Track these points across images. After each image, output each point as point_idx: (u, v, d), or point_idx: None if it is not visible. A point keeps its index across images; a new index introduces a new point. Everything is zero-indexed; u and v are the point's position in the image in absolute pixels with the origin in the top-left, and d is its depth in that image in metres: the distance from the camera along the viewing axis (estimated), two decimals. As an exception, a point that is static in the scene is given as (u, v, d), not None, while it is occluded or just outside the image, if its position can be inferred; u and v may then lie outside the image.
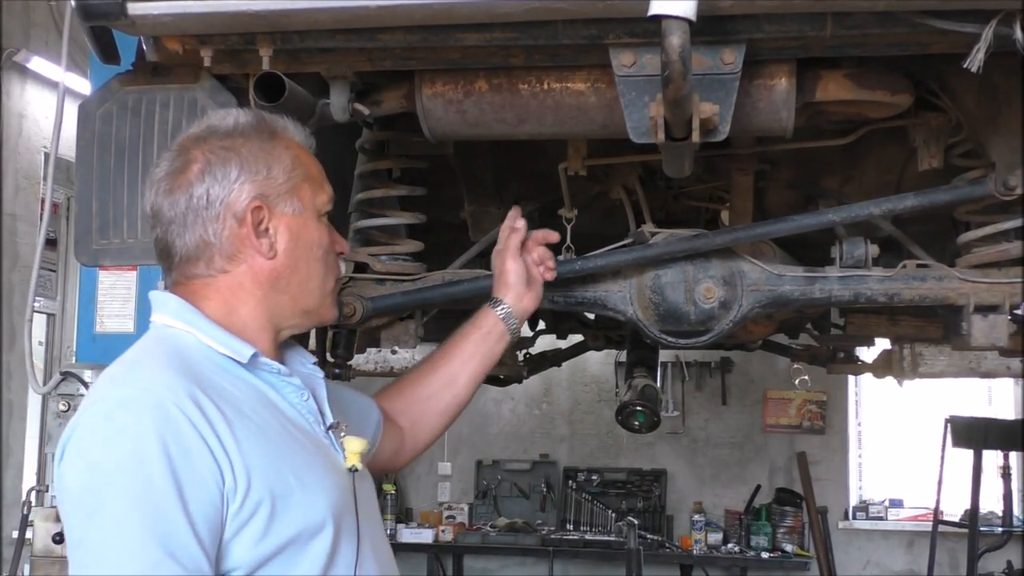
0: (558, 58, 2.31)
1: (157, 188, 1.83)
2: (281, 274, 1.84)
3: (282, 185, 1.83)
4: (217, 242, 1.80)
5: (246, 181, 1.81)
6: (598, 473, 9.46)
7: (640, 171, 3.10)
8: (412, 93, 2.53)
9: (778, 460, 9.32)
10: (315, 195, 1.89)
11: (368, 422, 2.19)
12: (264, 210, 1.81)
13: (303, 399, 1.85)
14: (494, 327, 2.37)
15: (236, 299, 1.83)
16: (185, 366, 1.70)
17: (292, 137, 1.90)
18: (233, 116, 1.87)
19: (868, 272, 2.68)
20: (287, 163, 1.85)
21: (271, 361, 1.82)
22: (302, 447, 1.77)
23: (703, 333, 2.73)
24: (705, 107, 2.12)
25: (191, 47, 2.27)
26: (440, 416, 2.36)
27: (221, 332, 1.78)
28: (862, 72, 2.46)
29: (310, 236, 1.87)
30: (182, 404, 1.62)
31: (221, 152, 1.81)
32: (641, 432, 3.56)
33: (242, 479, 1.63)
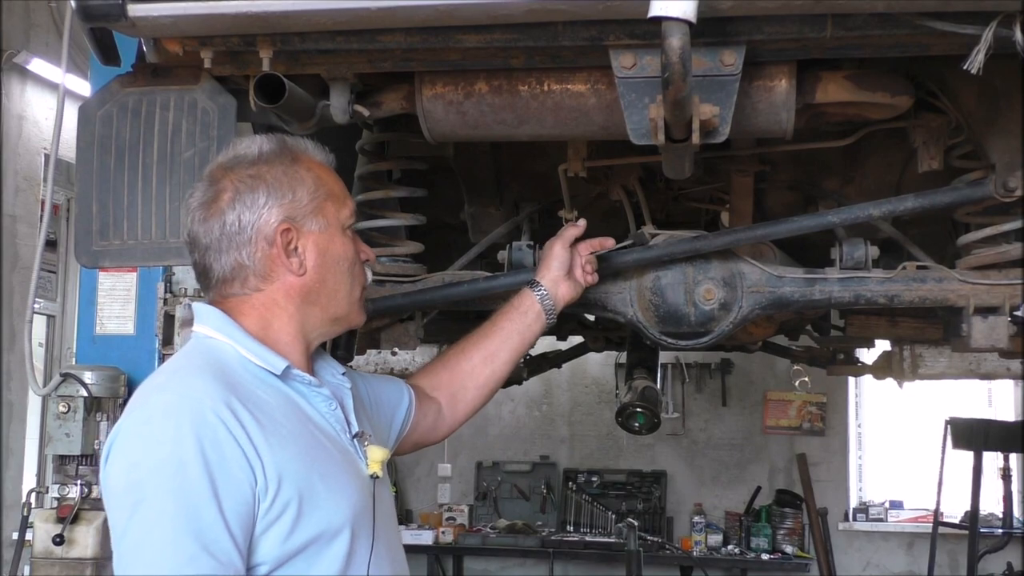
0: (558, 59, 2.31)
1: (193, 217, 1.95)
2: (311, 288, 1.97)
3: (307, 206, 1.95)
4: (251, 264, 1.93)
5: (274, 206, 1.93)
6: (598, 475, 9.46)
7: (640, 172, 3.10)
8: (412, 94, 2.53)
9: (778, 461, 9.32)
10: (339, 211, 2.00)
11: (399, 406, 2.33)
12: (292, 231, 1.94)
13: (331, 408, 1.97)
14: (531, 307, 2.49)
15: (271, 314, 1.96)
16: (223, 375, 1.84)
17: (313, 157, 2.01)
18: (257, 144, 1.98)
19: (868, 274, 2.68)
20: (310, 184, 1.96)
21: (303, 373, 1.95)
22: (328, 453, 1.90)
23: (703, 335, 2.73)
24: (705, 109, 2.12)
25: (191, 49, 2.27)
26: (478, 390, 2.47)
27: (258, 345, 1.92)
28: (862, 74, 2.46)
29: (336, 250, 1.99)
30: (218, 410, 1.75)
31: (248, 180, 1.93)
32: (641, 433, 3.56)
33: (272, 480, 1.75)
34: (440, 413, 2.44)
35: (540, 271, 2.53)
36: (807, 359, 4.51)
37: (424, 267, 2.92)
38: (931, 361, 3.72)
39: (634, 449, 9.47)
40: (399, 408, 2.34)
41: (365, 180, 2.99)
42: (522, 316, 2.49)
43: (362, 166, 3.01)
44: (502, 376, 2.49)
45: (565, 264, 2.52)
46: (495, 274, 2.78)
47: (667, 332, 2.73)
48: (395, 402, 2.33)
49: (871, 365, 4.05)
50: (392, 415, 2.32)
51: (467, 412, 2.49)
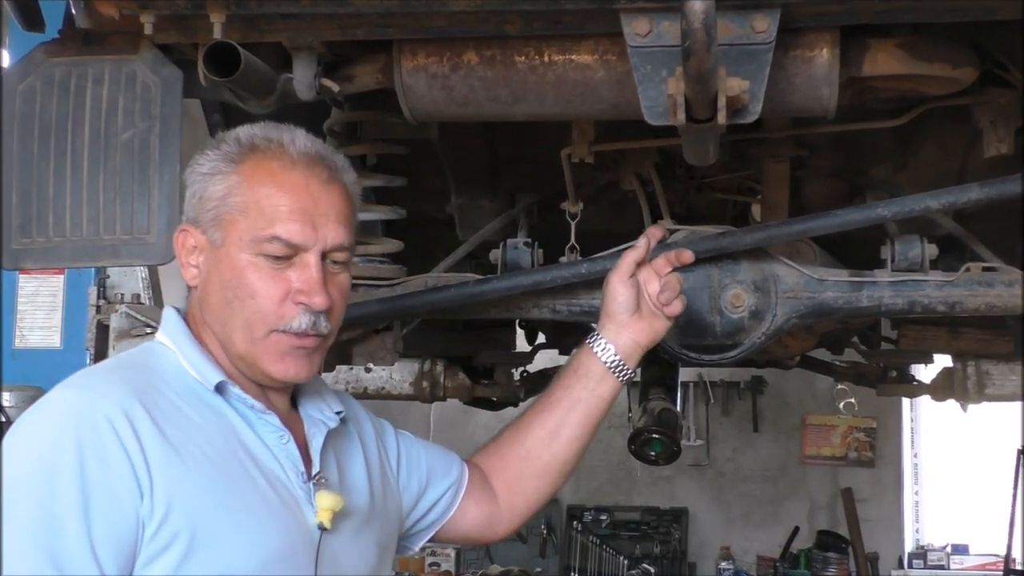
0: (560, 26, 2.32)
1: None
2: (209, 307, 1.98)
3: (209, 212, 1.94)
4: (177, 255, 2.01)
5: (190, 199, 1.98)
6: (608, 512, 9.47)
7: (656, 158, 3.11)
8: (390, 67, 2.53)
9: (819, 497, 9.33)
10: (253, 230, 1.91)
11: (443, 478, 2.32)
12: (192, 236, 1.97)
13: (281, 441, 1.95)
14: (592, 367, 2.39)
15: (199, 318, 2.00)
16: (142, 382, 1.85)
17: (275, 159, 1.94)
18: (251, 126, 2.00)
19: (925, 276, 2.69)
20: (231, 187, 1.93)
21: (243, 394, 1.93)
22: (255, 487, 1.87)
23: (731, 348, 2.73)
24: (733, 83, 2.12)
25: (129, 12, 2.28)
26: (539, 480, 2.40)
27: (197, 354, 1.94)
28: (917, 42, 2.47)
29: (221, 274, 1.94)
30: (113, 416, 1.75)
31: (195, 162, 1.98)
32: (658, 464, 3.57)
33: (160, 505, 1.74)
34: (496, 506, 2.38)
35: (601, 319, 2.41)
36: (853, 377, 4.51)
37: (404, 269, 2.93)
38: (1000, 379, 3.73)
39: (650, 482, 9.48)
40: (442, 478, 2.32)
41: (334, 167, 2.99)
42: (584, 381, 2.39)
43: (331, 150, 3.01)
44: (569, 458, 2.41)
45: (630, 302, 2.37)
46: (487, 277, 2.79)
47: (688, 345, 2.74)
48: (439, 470, 2.32)
49: (929, 384, 4.05)
50: (429, 481, 2.29)
51: (528, 506, 2.41)
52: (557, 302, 2.73)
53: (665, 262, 2.42)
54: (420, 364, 4.15)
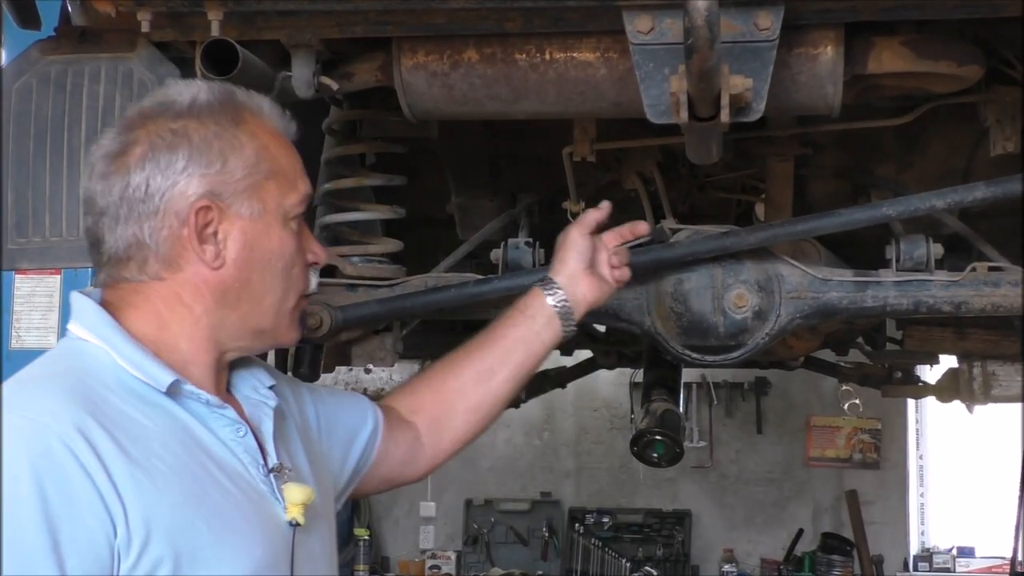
0: (562, 23, 2.32)
1: (92, 170, 1.82)
2: (229, 288, 1.83)
3: (240, 182, 1.81)
4: (153, 244, 1.79)
5: (194, 174, 1.78)
6: (610, 515, 9.46)
7: (659, 157, 3.11)
8: (389, 65, 2.53)
9: (824, 500, 9.33)
10: (283, 195, 1.86)
11: (360, 430, 2.20)
12: (213, 211, 1.79)
13: (238, 435, 1.82)
14: (540, 310, 2.33)
15: (170, 312, 1.81)
16: (85, 390, 1.68)
17: (266, 121, 1.88)
18: (194, 91, 1.84)
19: (930, 276, 2.69)
20: (249, 155, 1.82)
21: (198, 390, 1.79)
22: (226, 495, 1.75)
23: (734, 349, 2.73)
24: (736, 81, 2.12)
25: (126, 9, 2.28)
26: (469, 414, 2.33)
27: (139, 352, 1.76)
28: (923, 39, 2.46)
29: (270, 245, 1.84)
30: (68, 437, 1.59)
31: (169, 135, 1.78)
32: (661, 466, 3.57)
33: (138, 531, 1.61)
34: (419, 442, 2.29)
35: (554, 265, 2.37)
36: (858, 378, 4.52)
37: (403, 269, 2.93)
38: (1006, 380, 3.72)
39: (652, 484, 9.47)
40: (360, 433, 2.20)
41: (333, 165, 3.00)
42: (529, 321, 2.33)
43: (330, 149, 3.02)
44: (501, 399, 2.34)
45: (586, 255, 2.36)
46: (488, 277, 2.78)
47: (691, 346, 2.74)
48: (355, 425, 2.20)
49: (934, 385, 4.05)
50: (350, 442, 2.18)
51: (454, 443, 2.33)
52: (558, 302, 2.72)
53: (617, 235, 2.44)
54: (420, 365, 4.15)
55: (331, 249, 2.89)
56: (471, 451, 10.09)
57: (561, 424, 9.77)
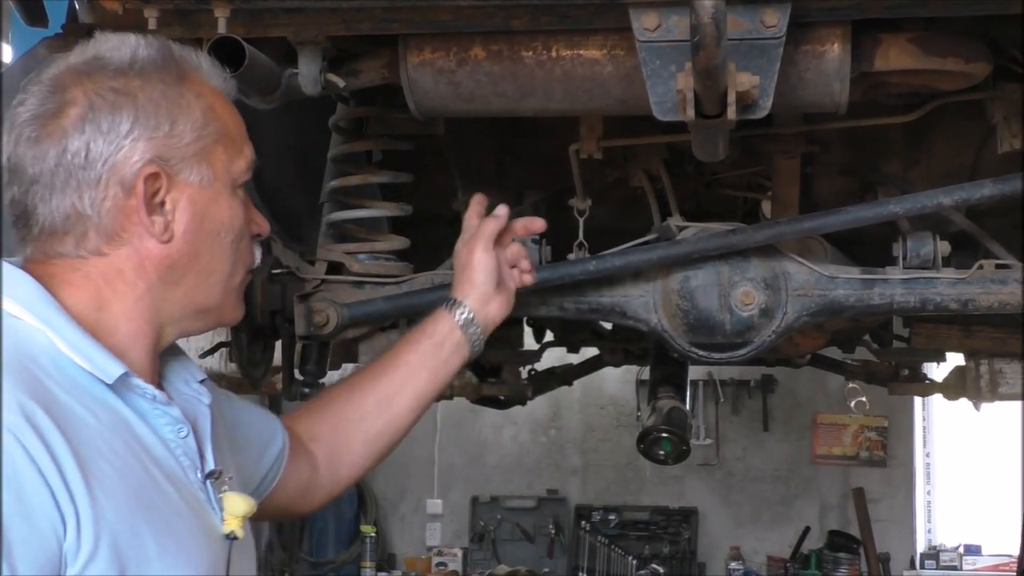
0: (568, 20, 2.32)
1: (19, 134, 1.63)
2: (176, 263, 1.67)
3: (189, 146, 1.66)
4: (94, 215, 1.62)
5: (140, 137, 1.62)
6: (616, 512, 9.47)
7: (665, 154, 3.10)
8: (395, 62, 2.53)
9: (830, 497, 9.32)
10: (231, 161, 1.72)
11: (270, 445, 2.06)
12: (162, 178, 1.63)
13: (179, 435, 1.67)
14: (449, 335, 2.24)
15: (110, 290, 1.65)
16: (30, 378, 1.51)
17: (206, 80, 1.73)
18: (131, 46, 1.67)
19: (937, 274, 2.68)
20: (197, 116, 1.67)
21: (145, 384, 1.63)
22: (168, 500, 1.60)
23: (740, 346, 2.73)
24: (743, 78, 2.12)
25: (132, 6, 2.28)
26: (368, 446, 2.21)
27: (84, 338, 1.58)
28: (930, 36, 2.46)
29: (219, 215, 1.70)
30: (20, 431, 1.44)
31: (111, 95, 1.62)
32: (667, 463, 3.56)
33: (88, 536, 1.46)
34: (316, 473, 2.15)
35: (462, 286, 2.27)
36: (864, 375, 4.51)
37: (410, 266, 2.93)
38: (1013, 378, 3.72)
39: (659, 482, 9.48)
40: (269, 450, 2.06)
41: (340, 163, 3.00)
42: (436, 348, 2.23)
43: (336, 146, 3.01)
44: (403, 427, 2.23)
45: (494, 273, 2.28)
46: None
47: (698, 343, 2.74)
48: (265, 441, 2.05)
49: (941, 383, 4.05)
50: (259, 458, 2.03)
51: (352, 476, 2.21)
52: (565, 300, 2.73)
53: (520, 226, 2.39)
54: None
55: (338, 246, 2.90)
56: (478, 448, 10.19)
57: (568, 421, 9.78)
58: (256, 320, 2.80)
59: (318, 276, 2.81)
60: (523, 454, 9.83)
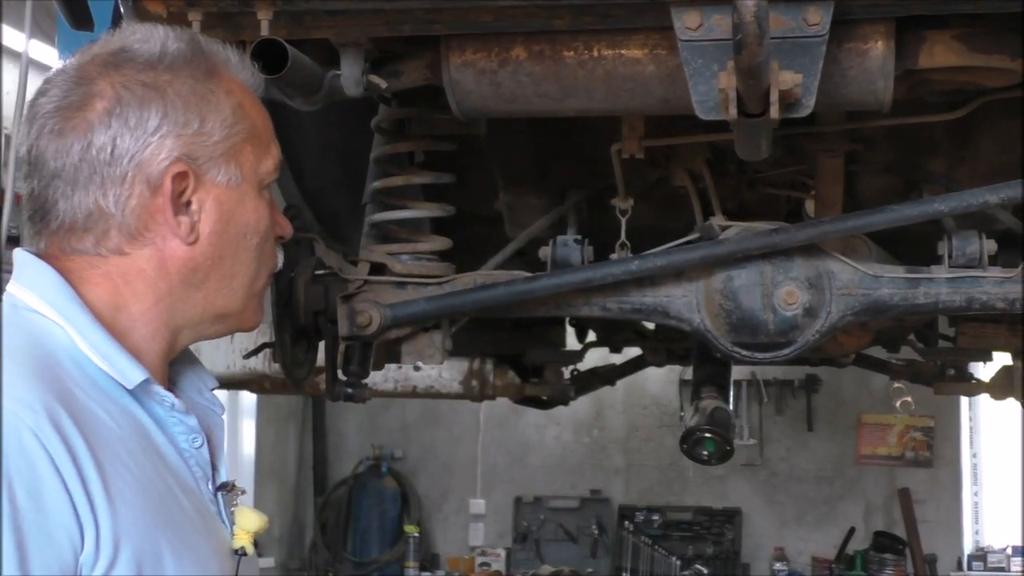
0: (610, 20, 2.32)
1: (42, 126, 1.56)
2: (199, 265, 1.60)
3: (217, 144, 1.59)
4: (118, 213, 1.55)
5: (169, 134, 1.55)
6: (659, 512, 9.45)
7: (708, 153, 3.10)
8: (437, 63, 2.54)
9: (875, 498, 9.27)
10: (259, 160, 1.66)
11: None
12: (189, 177, 1.57)
13: (194, 445, 1.60)
14: None
15: (130, 291, 1.57)
16: (53, 377, 1.45)
17: (235, 76, 1.67)
18: (160, 38, 1.60)
19: (983, 273, 2.67)
20: (227, 114, 1.61)
21: (165, 392, 1.58)
22: (183, 512, 1.54)
23: (784, 346, 2.72)
24: (786, 76, 2.12)
25: (177, 9, 2.30)
26: None
27: (106, 340, 1.53)
28: (975, 33, 2.45)
29: (246, 217, 1.63)
30: (43, 434, 1.38)
31: (139, 89, 1.55)
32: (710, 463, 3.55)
33: (107, 547, 1.41)
34: None
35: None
36: (910, 375, 4.49)
37: (452, 266, 2.93)
38: (1061, 377, 3.70)
39: (702, 482, 9.45)
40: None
41: (382, 164, 3.01)
42: None
43: (379, 147, 3.03)
44: None
45: None
46: (537, 274, 2.79)
47: (741, 343, 2.73)
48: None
49: (988, 382, 4.03)
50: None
51: None
52: (607, 300, 2.73)
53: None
54: (469, 363, 4.17)
55: (380, 247, 2.91)
56: (521, 448, 10.19)
57: (611, 422, 9.77)
58: (300, 321, 2.82)
59: (361, 277, 2.82)
60: (566, 454, 9.83)
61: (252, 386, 4.47)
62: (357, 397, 2.96)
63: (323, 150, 3.71)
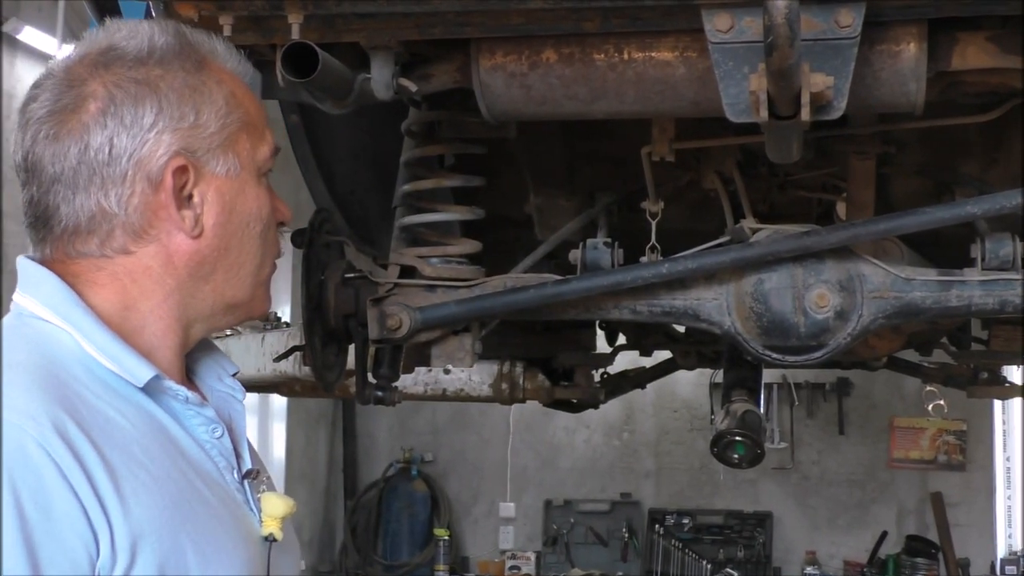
0: (640, 22, 2.31)
1: (36, 132, 1.55)
2: (206, 258, 1.60)
3: (214, 136, 1.58)
4: (121, 212, 1.54)
5: (165, 130, 1.54)
6: (690, 516, 9.43)
7: (739, 156, 3.09)
8: (467, 66, 2.54)
9: (908, 502, 9.23)
10: (255, 148, 1.65)
11: None
12: (189, 170, 1.56)
13: (214, 436, 1.60)
14: None
15: (138, 289, 1.57)
16: (58, 385, 1.44)
17: (224, 65, 1.65)
18: (146, 34, 1.59)
19: (1017, 275, 2.65)
20: (220, 104, 1.60)
21: (177, 387, 1.57)
22: (206, 505, 1.52)
23: (815, 349, 2.71)
24: (817, 79, 2.11)
25: (208, 13, 2.31)
26: None
27: (112, 340, 1.52)
28: (1008, 35, 2.43)
29: (247, 206, 1.63)
30: (48, 444, 1.36)
31: (131, 86, 1.54)
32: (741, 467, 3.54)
33: (124, 549, 1.39)
34: None
35: None
36: (942, 378, 4.47)
37: (482, 269, 2.94)
38: (1095, 381, 3.67)
39: (733, 486, 9.43)
40: None
41: (413, 167, 3.01)
42: None
43: (409, 151, 3.03)
44: None
45: None
46: (567, 277, 2.79)
47: (772, 346, 2.72)
48: None
49: (1021, 386, 4.00)
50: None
51: None
52: (638, 303, 2.72)
53: None
54: (499, 366, 4.17)
55: (410, 250, 2.91)
56: (551, 452, 10.20)
57: (641, 425, 9.76)
58: (330, 324, 2.82)
59: (391, 280, 2.82)
60: (596, 457, 9.82)
61: (282, 389, 4.48)
62: (387, 400, 2.96)
63: (353, 154, 3.72)
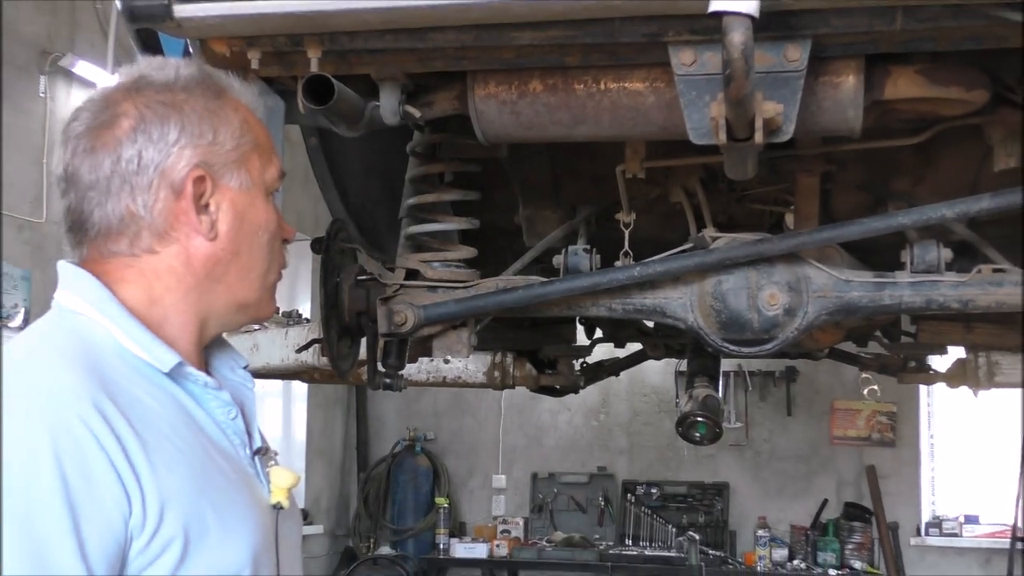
0: (616, 57, 2.31)
1: (75, 146, 1.59)
2: (220, 260, 1.62)
3: (229, 153, 1.62)
4: (147, 216, 1.57)
5: (187, 145, 1.58)
6: (658, 486, 9.42)
7: (701, 173, 3.08)
8: (464, 94, 2.53)
9: (846, 474, 9.23)
10: (264, 168, 1.68)
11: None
12: (207, 181, 1.59)
13: (230, 417, 1.63)
14: None
15: (161, 285, 1.60)
16: (94, 367, 1.47)
17: (239, 98, 1.69)
18: (173, 67, 1.64)
19: (941, 277, 2.64)
20: (235, 127, 1.64)
21: (198, 372, 1.60)
22: (224, 477, 1.55)
23: (767, 341, 2.70)
24: (769, 106, 2.10)
25: (238, 49, 2.29)
26: None
27: (141, 330, 1.55)
28: (935, 68, 2.42)
29: (257, 217, 1.66)
30: (88, 417, 1.39)
31: (159, 107, 1.58)
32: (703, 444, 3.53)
33: (153, 512, 1.41)
34: None
35: None
36: (876, 367, 4.46)
37: (477, 272, 2.93)
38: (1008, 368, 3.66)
39: (695, 460, 9.43)
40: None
41: (417, 183, 3.00)
42: None
43: (413, 168, 3.02)
44: None
45: None
46: (550, 279, 2.77)
47: (729, 339, 2.71)
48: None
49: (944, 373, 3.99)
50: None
51: None
52: (613, 301, 2.71)
53: None
54: (492, 356, 4.15)
55: (415, 255, 2.90)
56: (537, 431, 10.17)
57: (616, 408, 9.75)
58: (344, 320, 2.81)
59: (398, 281, 2.81)
60: (577, 436, 9.81)
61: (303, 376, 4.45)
62: (395, 386, 2.95)
63: (365, 171, 3.70)
